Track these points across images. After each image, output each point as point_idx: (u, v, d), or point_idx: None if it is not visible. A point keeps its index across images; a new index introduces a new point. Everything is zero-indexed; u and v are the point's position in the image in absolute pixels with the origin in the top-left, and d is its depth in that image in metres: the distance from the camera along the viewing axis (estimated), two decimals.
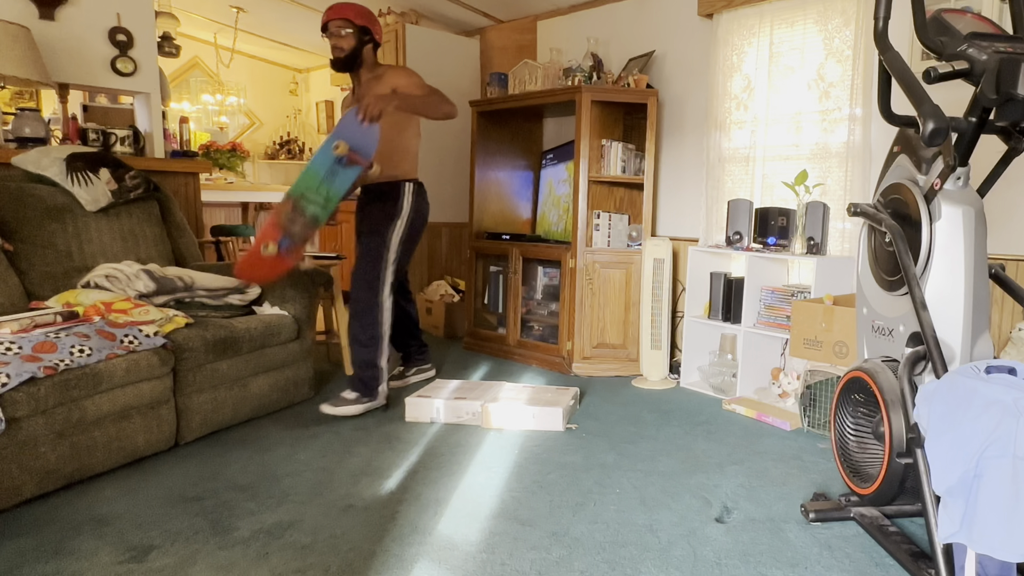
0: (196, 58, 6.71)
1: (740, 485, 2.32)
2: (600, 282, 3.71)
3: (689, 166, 3.84)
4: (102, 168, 3.07)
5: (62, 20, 3.47)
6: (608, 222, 3.72)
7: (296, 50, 6.65)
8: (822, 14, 3.22)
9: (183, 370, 2.53)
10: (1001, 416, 1.42)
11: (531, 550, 1.86)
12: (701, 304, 3.52)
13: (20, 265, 2.72)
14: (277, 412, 2.99)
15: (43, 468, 2.07)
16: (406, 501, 2.15)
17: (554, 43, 4.39)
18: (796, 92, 3.35)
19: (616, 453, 2.59)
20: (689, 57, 3.78)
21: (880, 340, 2.07)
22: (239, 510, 2.06)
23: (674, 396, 3.40)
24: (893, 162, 2.07)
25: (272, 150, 7.25)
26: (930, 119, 1.65)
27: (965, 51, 1.71)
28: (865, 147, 3.09)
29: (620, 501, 2.18)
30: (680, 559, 1.83)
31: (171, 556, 1.80)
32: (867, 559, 1.85)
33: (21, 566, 1.74)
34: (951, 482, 1.49)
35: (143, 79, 3.76)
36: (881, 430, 1.88)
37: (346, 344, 3.64)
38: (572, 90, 3.67)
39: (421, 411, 2.90)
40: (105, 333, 2.31)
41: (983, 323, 1.87)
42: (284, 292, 3.07)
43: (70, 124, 3.61)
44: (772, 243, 3.24)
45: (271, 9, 5.48)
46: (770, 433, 2.86)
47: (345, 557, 1.81)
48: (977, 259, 1.83)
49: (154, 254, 3.15)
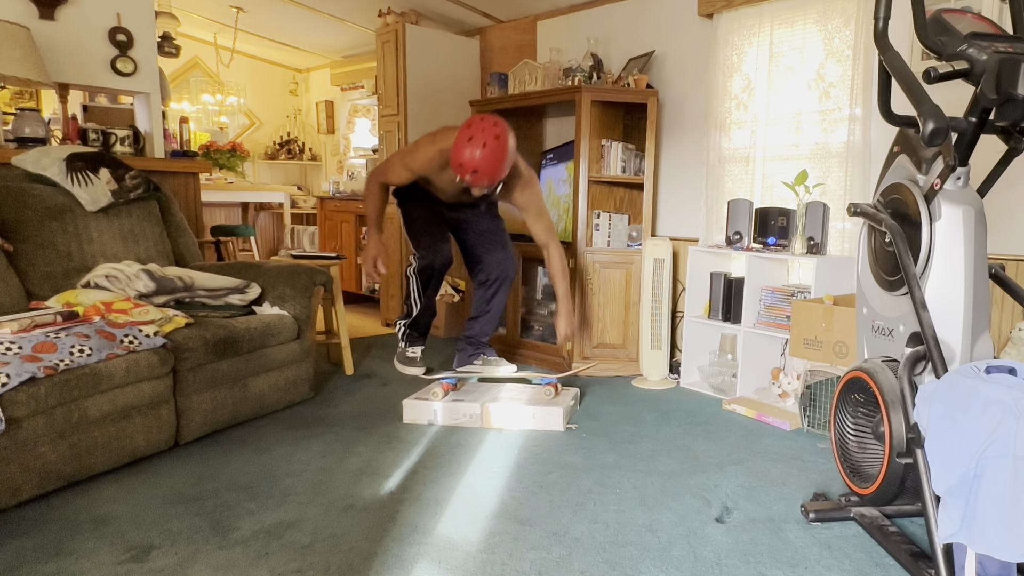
0: (196, 58, 6.71)
1: (740, 485, 2.32)
2: (600, 282, 3.71)
3: (689, 166, 3.84)
4: (102, 168, 3.07)
5: (62, 20, 3.47)
6: (608, 222, 3.72)
7: (296, 50, 6.65)
8: (822, 14, 3.22)
9: (183, 370, 2.53)
10: (1001, 416, 1.42)
11: (531, 550, 1.86)
12: (701, 304, 3.52)
13: (20, 265, 2.72)
14: (277, 412, 2.99)
15: (43, 468, 2.07)
16: (406, 501, 2.15)
17: (554, 43, 4.39)
18: (796, 92, 3.35)
19: (616, 453, 2.59)
20: (689, 57, 3.78)
21: (880, 340, 2.07)
22: (239, 510, 2.06)
23: (674, 396, 3.40)
24: (893, 162, 2.07)
25: (272, 150, 7.25)
26: (930, 119, 1.65)
27: (965, 51, 1.71)
28: (865, 147, 3.09)
29: (620, 501, 2.18)
30: (680, 559, 1.83)
31: (171, 556, 1.80)
32: (867, 559, 1.85)
33: (21, 566, 1.74)
34: (951, 482, 1.49)
35: (143, 79, 3.76)
36: (881, 430, 1.88)
37: (346, 344, 3.64)
38: (572, 90, 3.67)
39: (419, 413, 2.90)
40: (105, 333, 2.31)
41: (983, 323, 1.87)
42: (284, 292, 3.07)
43: (70, 124, 3.61)
44: (772, 243, 3.24)
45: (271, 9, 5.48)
46: (770, 433, 2.86)
47: (345, 557, 1.81)
48: (977, 259, 1.83)
49: (154, 254, 3.15)
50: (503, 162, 2.85)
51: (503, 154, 2.83)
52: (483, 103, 4.22)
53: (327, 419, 2.91)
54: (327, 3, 5.19)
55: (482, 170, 2.81)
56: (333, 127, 7.13)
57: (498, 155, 2.81)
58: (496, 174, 2.87)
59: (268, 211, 7.16)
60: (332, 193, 6.23)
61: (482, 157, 2.78)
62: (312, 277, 3.11)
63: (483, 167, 2.80)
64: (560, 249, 3.24)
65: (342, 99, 6.96)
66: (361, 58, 6.35)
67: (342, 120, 7.02)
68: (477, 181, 2.86)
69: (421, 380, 3.48)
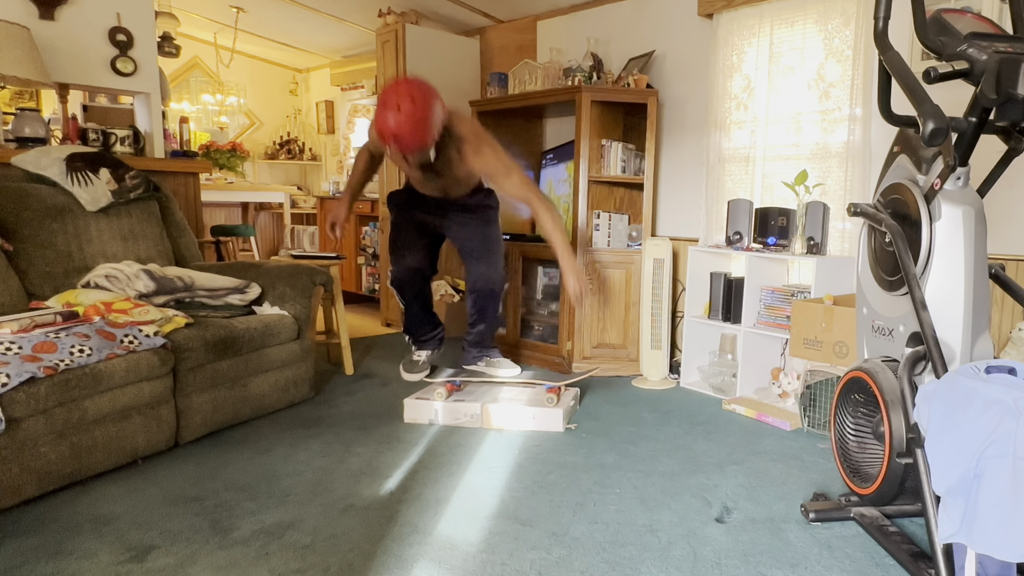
0: (196, 58, 6.71)
1: (740, 485, 2.32)
2: (600, 282, 3.71)
3: (689, 166, 3.84)
4: (102, 168, 3.07)
5: (62, 20, 3.47)
6: (608, 222, 3.72)
7: (296, 50, 6.65)
8: (822, 14, 3.22)
9: (183, 370, 2.53)
10: (1001, 416, 1.42)
11: (531, 550, 1.86)
12: (701, 304, 3.52)
13: (20, 265, 2.72)
14: (277, 412, 2.99)
15: (43, 468, 2.07)
16: (406, 501, 2.15)
17: (554, 43, 4.39)
18: (796, 92, 3.35)
19: (616, 453, 2.59)
20: (689, 57, 3.78)
21: (880, 340, 2.07)
22: (239, 510, 2.06)
23: (674, 396, 3.40)
24: (893, 162, 2.07)
25: (272, 150, 7.25)
26: (930, 119, 1.65)
27: (965, 51, 1.71)
28: (865, 147, 3.09)
29: (620, 501, 2.18)
30: (680, 559, 1.83)
31: (171, 556, 1.80)
32: (867, 559, 1.85)
33: (21, 566, 1.74)
34: (951, 482, 1.49)
35: (143, 79, 3.76)
36: (881, 430, 1.88)
37: (346, 344, 3.64)
38: (572, 90, 3.67)
39: (420, 412, 2.90)
40: (105, 333, 2.31)
41: (983, 323, 1.87)
42: (284, 292, 3.07)
43: (70, 124, 3.61)
44: (772, 243, 3.24)
45: (271, 9, 5.48)
46: (770, 433, 2.86)
47: (345, 557, 1.81)
48: (977, 259, 1.83)
49: (154, 254, 3.15)
50: (424, 124, 2.60)
51: (422, 116, 2.58)
52: (483, 103, 4.22)
53: (327, 419, 2.91)
54: (327, 3, 5.19)
55: (402, 135, 2.58)
56: (333, 127, 7.13)
57: (416, 117, 2.57)
58: (420, 138, 2.63)
59: (268, 211, 7.16)
60: (332, 193, 6.23)
61: (398, 122, 2.55)
62: (312, 277, 3.11)
63: (402, 132, 2.58)
64: (544, 201, 2.98)
65: (342, 99, 6.96)
66: (361, 58, 6.35)
67: (342, 120, 7.01)
68: (402, 149, 2.64)
69: (422, 381, 3.48)
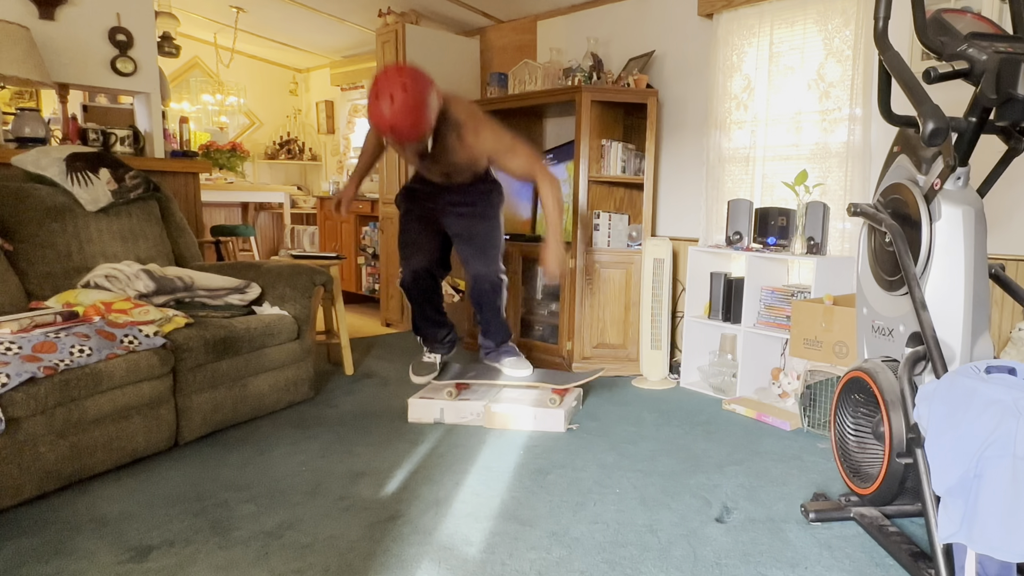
0: (196, 58, 6.71)
1: (740, 485, 2.32)
2: (600, 282, 3.71)
3: (689, 166, 3.84)
4: (102, 168, 3.07)
5: (62, 20, 3.47)
6: (608, 222, 3.72)
7: (296, 50, 6.65)
8: (822, 14, 3.22)
9: (183, 370, 2.53)
10: (1001, 416, 1.42)
11: (531, 550, 1.86)
12: (701, 304, 3.52)
13: (20, 265, 2.72)
14: (277, 412, 2.99)
15: (43, 468, 2.07)
16: (406, 501, 2.15)
17: (554, 43, 4.39)
18: (796, 92, 3.35)
19: (616, 453, 2.59)
20: (689, 57, 3.78)
21: (880, 340, 2.07)
22: (239, 510, 2.06)
23: (674, 396, 3.40)
24: (893, 162, 2.07)
25: (272, 150, 7.25)
26: (930, 119, 1.65)
27: (965, 51, 1.71)
28: (865, 147, 3.09)
29: (620, 501, 2.18)
30: (680, 559, 1.83)
31: (171, 556, 1.80)
32: (867, 559, 1.85)
33: (21, 566, 1.74)
34: (951, 482, 1.49)
35: (143, 79, 3.76)
36: (881, 430, 1.88)
37: (346, 344, 3.64)
38: (572, 90, 3.67)
39: (424, 411, 2.90)
40: (105, 333, 2.31)
41: (983, 323, 1.87)
42: (284, 292, 3.07)
43: (70, 124, 3.61)
44: (772, 243, 3.24)
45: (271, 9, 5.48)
46: (770, 433, 2.86)
47: (345, 557, 1.81)
48: (977, 259, 1.83)
49: (154, 254, 3.15)
50: (419, 112, 2.56)
51: (417, 104, 2.54)
52: (483, 103, 4.22)
53: (327, 419, 2.91)
54: (327, 3, 5.19)
55: (398, 126, 2.54)
56: (333, 127, 7.13)
57: (410, 106, 2.53)
58: (417, 127, 2.58)
59: (268, 211, 7.16)
60: (332, 193, 6.23)
61: (393, 112, 2.52)
62: (312, 277, 3.11)
63: (397, 122, 2.53)
64: (548, 176, 2.91)
65: (342, 99, 6.96)
66: (361, 58, 6.35)
67: (342, 120, 7.01)
68: (399, 139, 2.62)
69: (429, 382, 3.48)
